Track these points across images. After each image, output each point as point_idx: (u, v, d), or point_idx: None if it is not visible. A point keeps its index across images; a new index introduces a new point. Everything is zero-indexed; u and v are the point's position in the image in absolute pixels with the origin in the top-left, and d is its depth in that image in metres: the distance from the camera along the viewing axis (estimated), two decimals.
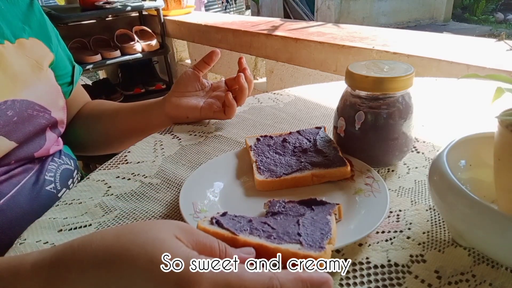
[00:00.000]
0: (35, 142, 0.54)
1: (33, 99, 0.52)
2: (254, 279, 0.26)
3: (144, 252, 0.25)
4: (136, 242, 0.26)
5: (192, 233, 0.29)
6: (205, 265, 0.25)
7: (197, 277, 0.24)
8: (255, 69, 2.03)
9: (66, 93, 0.64)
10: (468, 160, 0.40)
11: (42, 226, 0.42)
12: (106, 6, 2.08)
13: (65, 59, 0.66)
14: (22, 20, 0.55)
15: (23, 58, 0.53)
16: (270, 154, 0.50)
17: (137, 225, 0.29)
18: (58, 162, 0.59)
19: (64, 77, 0.64)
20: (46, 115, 0.55)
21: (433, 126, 0.61)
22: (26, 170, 0.53)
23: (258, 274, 0.26)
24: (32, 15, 0.57)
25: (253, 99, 0.76)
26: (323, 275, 0.27)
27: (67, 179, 0.60)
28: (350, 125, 0.48)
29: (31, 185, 0.53)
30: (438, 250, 0.37)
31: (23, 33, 0.54)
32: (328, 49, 1.39)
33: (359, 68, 0.47)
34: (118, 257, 0.25)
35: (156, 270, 0.24)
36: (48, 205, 0.46)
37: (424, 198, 0.44)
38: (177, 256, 0.25)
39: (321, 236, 0.34)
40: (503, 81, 0.33)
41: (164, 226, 0.28)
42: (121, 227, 0.29)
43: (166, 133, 0.63)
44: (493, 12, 7.82)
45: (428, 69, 1.10)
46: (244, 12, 7.45)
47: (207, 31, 1.99)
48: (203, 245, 0.28)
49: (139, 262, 0.25)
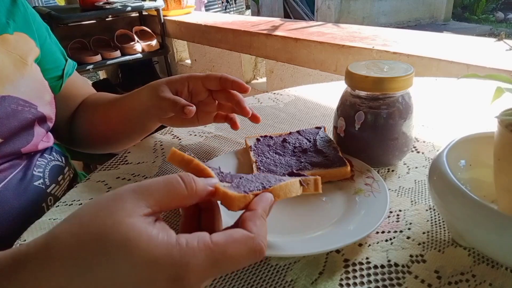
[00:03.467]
0: (22, 138, 0.54)
1: (16, 95, 0.52)
2: (236, 250, 0.26)
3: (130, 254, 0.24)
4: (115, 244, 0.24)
5: (151, 193, 0.27)
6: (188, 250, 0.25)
7: (186, 266, 0.24)
8: (255, 69, 2.03)
9: (55, 88, 0.63)
10: (468, 160, 0.40)
11: (42, 227, 0.42)
12: (106, 6, 2.08)
13: (56, 52, 0.65)
14: (6, 15, 0.55)
15: (5, 54, 0.52)
16: (270, 154, 0.50)
17: (97, 220, 0.25)
18: (48, 158, 0.59)
19: (53, 70, 0.63)
20: (32, 110, 0.54)
21: (433, 126, 0.61)
22: (13, 165, 0.53)
23: (238, 245, 0.26)
24: (16, 10, 0.57)
25: (253, 99, 0.76)
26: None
27: (57, 175, 0.59)
28: (350, 125, 0.48)
29: (18, 181, 0.53)
30: (438, 250, 0.37)
31: (7, 28, 0.54)
32: (328, 49, 1.39)
33: (359, 68, 0.47)
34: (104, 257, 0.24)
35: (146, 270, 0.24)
36: (37, 200, 0.45)
37: (424, 198, 0.44)
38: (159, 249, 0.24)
39: (258, 185, 0.33)
40: (502, 81, 0.33)
41: (126, 210, 0.26)
42: (79, 225, 0.26)
43: (166, 134, 0.63)
44: (493, 11, 7.82)
45: (428, 69, 1.10)
46: (244, 12, 7.45)
47: (207, 31, 1.99)
48: (167, 197, 0.27)
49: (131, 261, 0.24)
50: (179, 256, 0.24)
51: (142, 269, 0.24)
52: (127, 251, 0.24)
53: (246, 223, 0.28)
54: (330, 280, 0.34)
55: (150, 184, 0.27)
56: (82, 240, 0.25)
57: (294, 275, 0.35)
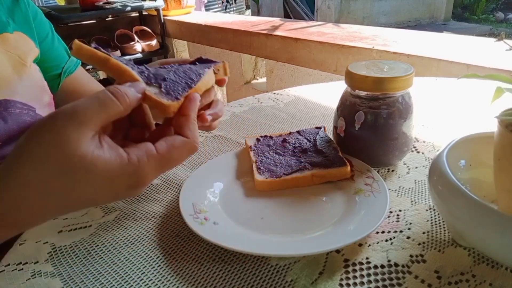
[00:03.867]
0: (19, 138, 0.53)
1: (14, 98, 0.51)
2: (178, 154, 0.32)
3: (93, 180, 0.29)
4: (78, 175, 0.28)
5: (89, 118, 0.29)
6: (140, 165, 0.30)
7: (140, 176, 0.30)
8: (255, 69, 2.03)
9: (53, 87, 0.63)
10: (468, 160, 0.40)
11: (42, 227, 0.42)
12: (106, 6, 2.08)
13: (59, 49, 0.64)
14: (6, 14, 0.55)
15: (4, 55, 0.52)
16: (270, 154, 0.50)
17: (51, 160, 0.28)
18: None
19: (54, 68, 0.63)
20: (31, 113, 0.54)
21: (433, 126, 0.61)
22: None
23: (179, 150, 0.32)
24: (16, 9, 0.57)
25: (253, 99, 0.76)
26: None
27: None
28: (350, 125, 0.48)
29: None
30: (438, 250, 0.37)
31: (7, 27, 0.54)
32: (328, 49, 1.39)
33: (359, 68, 0.47)
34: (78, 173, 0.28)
35: (108, 181, 0.29)
36: None
37: (424, 198, 0.44)
38: (115, 169, 0.29)
39: (184, 85, 0.34)
40: (502, 81, 0.33)
41: (73, 141, 0.28)
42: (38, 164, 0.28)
43: None
44: (493, 12, 7.82)
45: (428, 69, 1.10)
46: (244, 12, 7.44)
47: (207, 31, 1.99)
48: (105, 117, 0.30)
49: (94, 185, 0.29)
50: (133, 171, 0.30)
51: (104, 186, 0.29)
52: (89, 178, 0.29)
53: (183, 129, 0.33)
54: (330, 280, 0.34)
55: (85, 109, 0.29)
56: (46, 175, 0.28)
57: (294, 275, 0.35)
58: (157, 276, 0.36)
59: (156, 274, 0.36)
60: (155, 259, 0.38)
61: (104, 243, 0.40)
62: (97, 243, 0.40)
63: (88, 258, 0.38)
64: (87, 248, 0.39)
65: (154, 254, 0.38)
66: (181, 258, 0.38)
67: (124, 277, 0.36)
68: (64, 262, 0.38)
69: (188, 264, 0.37)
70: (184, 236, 0.40)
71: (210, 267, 0.36)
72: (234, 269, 0.36)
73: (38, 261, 0.38)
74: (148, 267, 0.37)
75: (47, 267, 0.37)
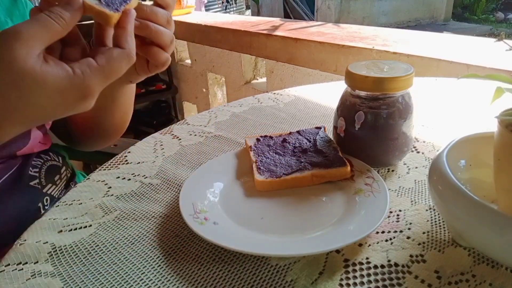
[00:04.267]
0: (18, 141, 0.53)
1: None
2: (117, 64, 0.34)
3: (45, 94, 0.32)
4: (29, 91, 0.31)
5: (32, 38, 0.31)
6: (85, 77, 0.33)
7: (88, 88, 0.33)
8: (255, 69, 2.03)
9: None
10: (468, 160, 0.40)
11: (42, 226, 0.42)
12: None
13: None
14: (4, 14, 0.55)
15: None
16: (270, 154, 0.50)
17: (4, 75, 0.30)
18: (44, 158, 0.59)
19: None
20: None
21: (433, 126, 0.61)
22: (8, 166, 0.53)
23: (118, 61, 0.35)
24: (15, 9, 0.57)
25: (253, 99, 0.76)
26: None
27: (54, 175, 0.59)
28: (350, 125, 0.48)
29: (13, 181, 0.53)
30: (438, 250, 0.37)
31: (5, 27, 0.54)
32: (328, 49, 1.39)
33: (359, 68, 0.47)
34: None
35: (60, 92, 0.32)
36: (32, 200, 0.45)
37: (424, 198, 0.44)
38: (64, 82, 0.32)
39: (119, 1, 0.36)
40: (502, 81, 0.33)
41: (20, 59, 0.30)
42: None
43: (166, 133, 0.63)
44: (493, 12, 7.82)
45: (428, 69, 1.10)
46: (244, 12, 7.45)
47: (207, 31, 1.99)
48: (47, 36, 0.32)
49: (46, 97, 0.32)
50: (80, 83, 0.33)
51: (56, 98, 0.32)
52: (41, 90, 0.31)
53: (121, 41, 0.35)
54: (330, 280, 0.34)
55: (28, 28, 0.31)
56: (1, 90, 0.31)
57: (294, 275, 0.35)
58: (157, 276, 0.36)
59: (156, 274, 0.36)
60: (155, 259, 0.38)
61: (104, 243, 0.40)
62: (97, 243, 0.40)
63: (88, 258, 0.38)
64: (87, 248, 0.39)
65: (154, 254, 0.38)
66: (181, 258, 0.38)
67: (124, 277, 0.36)
68: (64, 262, 0.38)
69: (188, 264, 0.37)
70: (184, 236, 0.40)
71: (210, 267, 0.36)
72: (234, 269, 0.36)
73: (38, 261, 0.38)
74: (148, 267, 0.37)
75: (47, 267, 0.37)
